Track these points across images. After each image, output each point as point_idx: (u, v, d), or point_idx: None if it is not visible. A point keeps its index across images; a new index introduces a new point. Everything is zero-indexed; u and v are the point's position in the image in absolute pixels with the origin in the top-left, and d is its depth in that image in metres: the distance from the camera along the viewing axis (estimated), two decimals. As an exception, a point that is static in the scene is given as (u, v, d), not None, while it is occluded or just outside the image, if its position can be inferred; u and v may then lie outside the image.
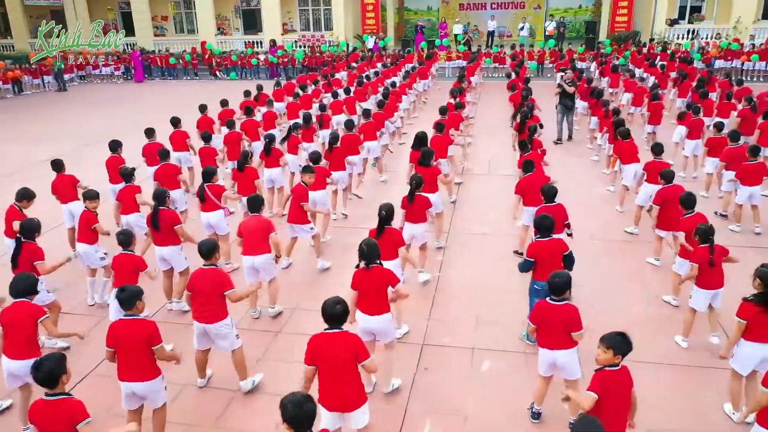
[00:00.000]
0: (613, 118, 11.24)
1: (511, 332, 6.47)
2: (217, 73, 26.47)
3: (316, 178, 8.74)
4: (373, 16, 29.76)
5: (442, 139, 9.96)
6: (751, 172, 8.84)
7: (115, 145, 9.38)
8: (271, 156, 9.70)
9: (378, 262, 5.27)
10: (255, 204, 6.77)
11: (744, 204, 9.02)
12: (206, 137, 10.15)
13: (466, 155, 12.60)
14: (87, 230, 7.14)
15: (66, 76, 25.55)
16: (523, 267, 6.02)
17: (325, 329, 4.28)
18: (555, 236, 6.06)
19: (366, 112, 11.83)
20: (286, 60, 26.08)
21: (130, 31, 32.49)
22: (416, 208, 7.25)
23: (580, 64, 24.05)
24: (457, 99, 13.16)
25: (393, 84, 16.40)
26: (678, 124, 11.70)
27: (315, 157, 8.86)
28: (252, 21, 32.33)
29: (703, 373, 5.83)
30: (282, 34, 30.89)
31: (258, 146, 11.13)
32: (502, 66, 23.89)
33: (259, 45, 30.30)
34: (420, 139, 9.20)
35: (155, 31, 33.15)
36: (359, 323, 5.39)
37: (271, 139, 9.76)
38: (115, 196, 8.55)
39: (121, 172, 8.16)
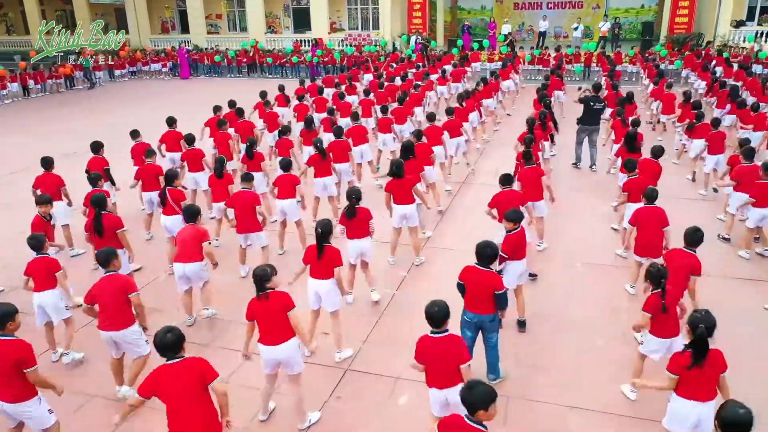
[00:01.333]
0: (630, 130, 10.34)
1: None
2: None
3: (285, 186, 8.52)
4: (420, 15, 29.25)
5: (426, 147, 9.50)
6: (765, 191, 7.89)
7: (96, 146, 9.44)
8: (253, 160, 9.52)
9: (268, 288, 4.92)
10: (190, 213, 6.58)
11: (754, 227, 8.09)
12: (190, 140, 10.06)
13: (469, 162, 12.06)
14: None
15: (117, 72, 26.56)
16: (459, 288, 5.53)
17: (167, 361, 3.99)
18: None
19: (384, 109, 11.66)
20: (326, 59, 25.99)
21: (185, 29, 33.52)
22: (356, 222, 6.86)
23: (630, 68, 22.83)
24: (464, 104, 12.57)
25: (416, 86, 15.92)
26: (689, 137, 10.74)
27: (285, 164, 8.59)
28: (302, 19, 32.52)
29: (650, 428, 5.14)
30: (329, 33, 30.94)
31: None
32: (545, 69, 22.86)
33: (307, 43, 30.45)
34: (406, 149, 8.75)
35: (209, 29, 33.99)
36: (262, 355, 5.07)
37: (251, 143, 9.55)
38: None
39: (87, 177, 8.15)
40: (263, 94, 13.86)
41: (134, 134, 10.13)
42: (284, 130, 10.48)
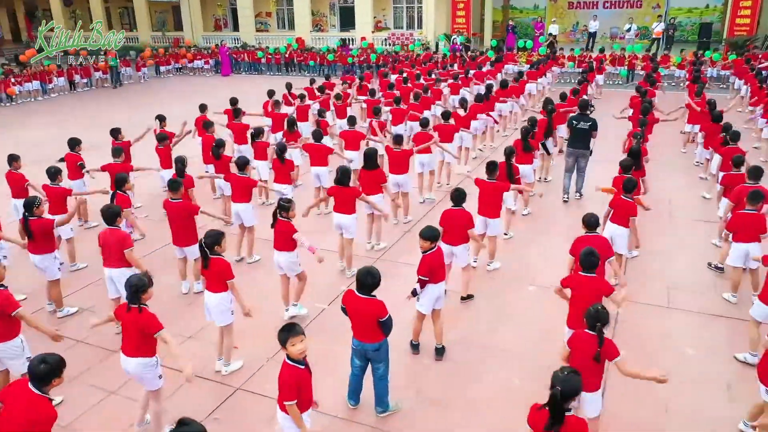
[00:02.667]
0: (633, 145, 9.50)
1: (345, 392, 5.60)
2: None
3: (240, 189, 8.38)
4: (464, 15, 28.56)
5: (402, 154, 9.22)
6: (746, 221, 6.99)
7: (73, 143, 9.61)
8: (220, 161, 9.44)
9: (140, 304, 4.76)
10: (108, 216, 6.51)
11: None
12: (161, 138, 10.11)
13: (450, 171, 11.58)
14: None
15: (162, 68, 27.44)
16: (342, 311, 5.20)
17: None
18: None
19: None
20: (362, 59, 25.81)
21: (237, 26, 34.22)
22: (277, 234, 6.59)
23: (678, 72, 21.40)
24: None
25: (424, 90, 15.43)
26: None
27: (242, 163, 8.40)
28: (349, 18, 32.50)
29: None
30: (372, 32, 30.76)
31: (246, 149, 11.06)
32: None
33: (351, 42, 30.41)
34: (369, 157, 8.41)
35: (259, 26, 34.57)
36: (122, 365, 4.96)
37: (218, 144, 9.46)
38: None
39: (46, 171, 8.26)
40: (270, 93, 13.80)
41: (114, 132, 10.26)
42: (257, 132, 10.34)
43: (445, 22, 29.39)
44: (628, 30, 26.49)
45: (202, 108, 11.95)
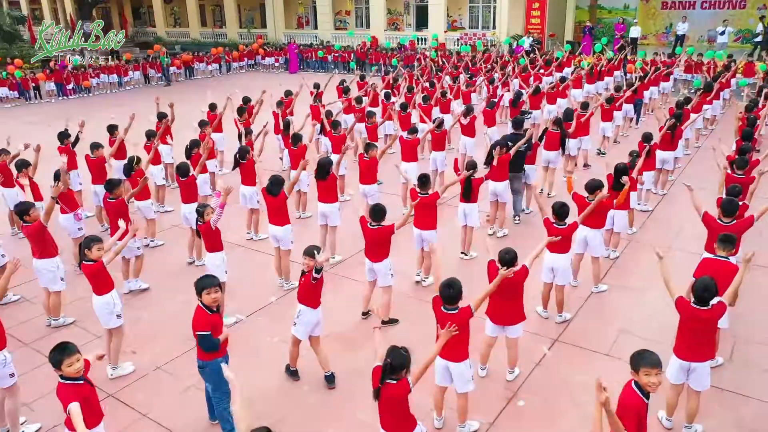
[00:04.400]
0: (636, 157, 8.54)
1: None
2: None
3: (189, 191, 8.37)
4: (539, 15, 27.16)
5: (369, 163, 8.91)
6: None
7: (62, 137, 10.07)
8: (190, 159, 9.48)
9: None
10: (18, 211, 6.70)
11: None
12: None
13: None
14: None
15: (234, 64, 28.45)
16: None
17: None
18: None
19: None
20: (418, 58, 25.22)
21: (317, 24, 34.81)
22: (204, 236, 6.73)
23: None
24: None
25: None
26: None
27: (184, 169, 8.39)
28: (424, 17, 32.00)
29: None
30: (446, 32, 30.09)
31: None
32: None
33: (424, 42, 29.94)
34: (322, 166, 8.13)
35: (338, 24, 34.93)
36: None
37: (192, 144, 9.50)
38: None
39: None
40: (288, 93, 13.82)
41: (111, 129, 10.67)
42: (246, 132, 10.39)
43: (521, 22, 28.12)
44: (722, 33, 23.95)
45: (212, 107, 12.17)
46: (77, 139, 10.12)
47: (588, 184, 7.24)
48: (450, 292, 4.72)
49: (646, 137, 9.80)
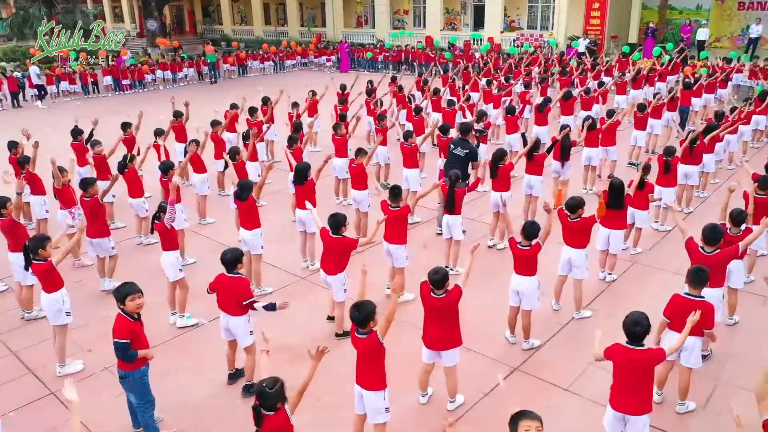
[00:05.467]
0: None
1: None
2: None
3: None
4: (599, 15, 25.91)
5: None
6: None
7: (75, 133, 10.46)
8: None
9: None
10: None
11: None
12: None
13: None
14: None
15: (288, 62, 28.82)
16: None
17: None
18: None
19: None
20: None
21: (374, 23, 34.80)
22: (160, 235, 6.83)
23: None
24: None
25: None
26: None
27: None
28: (482, 17, 31.27)
29: None
30: (502, 32, 29.29)
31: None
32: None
33: (479, 42, 29.25)
34: (299, 171, 8.01)
35: (396, 24, 34.75)
36: None
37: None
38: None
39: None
40: (312, 93, 13.82)
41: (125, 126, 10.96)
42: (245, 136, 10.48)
43: (580, 23, 26.94)
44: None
45: (233, 106, 12.41)
46: (91, 135, 10.44)
47: (569, 203, 6.71)
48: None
49: (667, 151, 9.08)
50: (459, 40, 29.69)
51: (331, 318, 6.92)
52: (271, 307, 5.37)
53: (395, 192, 7.02)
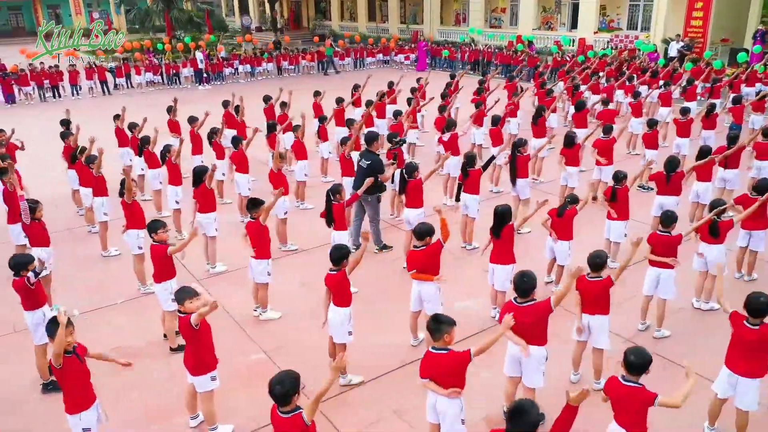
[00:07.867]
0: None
1: None
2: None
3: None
4: (702, 16, 23.36)
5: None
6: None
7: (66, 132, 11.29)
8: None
9: None
10: None
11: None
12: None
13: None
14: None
15: (369, 59, 29.17)
16: None
17: None
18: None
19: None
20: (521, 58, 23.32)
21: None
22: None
23: None
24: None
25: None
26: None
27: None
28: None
29: None
30: (595, 33, 27.49)
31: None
32: None
33: (572, 43, 27.71)
34: (196, 174, 8.19)
35: (493, 22, 33.87)
36: None
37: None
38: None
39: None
40: (339, 100, 13.91)
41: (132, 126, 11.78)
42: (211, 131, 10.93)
43: (680, 24, 24.49)
44: None
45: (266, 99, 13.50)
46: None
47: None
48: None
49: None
50: (535, 40, 28.27)
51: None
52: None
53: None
